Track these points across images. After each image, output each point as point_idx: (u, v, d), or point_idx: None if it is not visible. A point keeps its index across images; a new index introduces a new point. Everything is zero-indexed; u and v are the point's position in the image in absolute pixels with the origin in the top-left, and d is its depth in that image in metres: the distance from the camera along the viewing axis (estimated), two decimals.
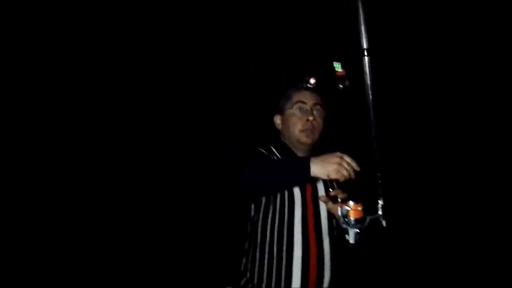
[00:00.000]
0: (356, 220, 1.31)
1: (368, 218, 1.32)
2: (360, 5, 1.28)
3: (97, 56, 3.13)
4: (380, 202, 1.34)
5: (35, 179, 3.13)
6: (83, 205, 3.22)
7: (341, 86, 1.51)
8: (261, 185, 1.41)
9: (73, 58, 3.09)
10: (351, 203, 1.32)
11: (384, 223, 1.33)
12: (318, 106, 1.67)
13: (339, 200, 1.42)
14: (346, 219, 1.32)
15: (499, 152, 3.01)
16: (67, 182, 3.20)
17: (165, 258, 3.37)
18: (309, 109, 1.65)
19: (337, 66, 1.50)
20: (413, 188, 2.89)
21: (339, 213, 1.34)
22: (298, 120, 1.66)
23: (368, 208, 1.33)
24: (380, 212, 1.33)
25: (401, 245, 2.85)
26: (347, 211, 1.32)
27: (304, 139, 1.64)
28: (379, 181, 1.34)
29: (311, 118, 1.63)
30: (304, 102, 1.66)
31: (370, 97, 1.31)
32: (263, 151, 1.65)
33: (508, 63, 2.89)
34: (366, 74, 1.30)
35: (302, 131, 1.64)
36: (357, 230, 1.31)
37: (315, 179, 1.64)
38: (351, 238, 1.32)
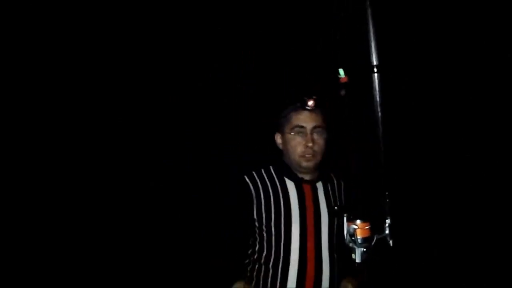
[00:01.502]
0: (363, 239, 1.29)
1: (375, 237, 1.31)
2: (370, 20, 1.25)
3: (96, 56, 3.09)
4: (388, 221, 1.32)
5: (35, 179, 3.10)
6: (82, 206, 3.20)
7: (342, 93, 1.48)
8: None
9: (72, 58, 3.05)
10: (358, 221, 1.30)
11: (391, 242, 1.32)
12: (318, 129, 1.63)
13: (345, 217, 1.41)
14: (353, 238, 1.30)
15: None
16: (66, 183, 3.18)
17: (166, 259, 3.36)
18: (308, 133, 1.61)
19: (341, 73, 1.47)
20: (421, 207, 2.86)
21: (346, 231, 1.33)
22: (298, 144, 1.63)
23: (376, 227, 1.31)
24: (387, 232, 1.32)
25: (408, 265, 2.83)
26: (354, 229, 1.30)
27: (305, 164, 1.63)
28: (387, 200, 1.32)
29: (310, 144, 1.60)
30: (302, 127, 1.62)
31: (379, 114, 1.29)
32: (248, 180, 1.65)
33: None
34: (376, 91, 1.28)
35: (302, 156, 1.62)
36: (364, 249, 1.30)
37: (317, 198, 1.66)
38: (357, 257, 1.30)
